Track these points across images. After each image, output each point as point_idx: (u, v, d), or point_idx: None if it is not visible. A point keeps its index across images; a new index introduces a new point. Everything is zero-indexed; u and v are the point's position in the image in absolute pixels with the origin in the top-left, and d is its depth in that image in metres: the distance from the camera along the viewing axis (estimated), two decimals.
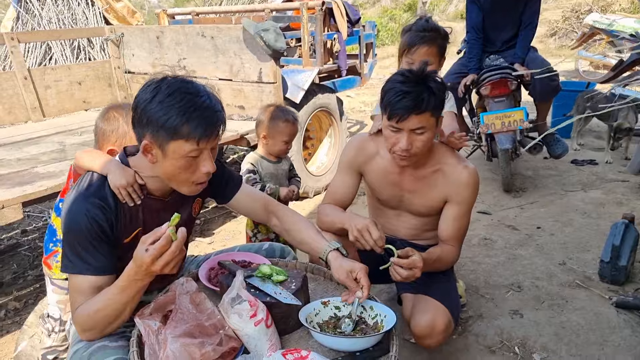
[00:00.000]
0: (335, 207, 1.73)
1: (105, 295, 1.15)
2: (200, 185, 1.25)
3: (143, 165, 1.25)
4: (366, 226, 1.43)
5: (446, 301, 1.63)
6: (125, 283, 1.13)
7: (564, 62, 7.54)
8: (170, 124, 1.12)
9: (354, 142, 1.79)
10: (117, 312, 1.16)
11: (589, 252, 2.67)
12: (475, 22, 3.46)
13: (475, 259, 2.66)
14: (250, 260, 1.52)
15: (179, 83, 1.16)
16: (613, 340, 1.97)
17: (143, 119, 1.15)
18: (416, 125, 1.47)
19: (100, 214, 1.19)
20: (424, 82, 1.45)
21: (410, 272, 1.38)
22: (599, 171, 3.88)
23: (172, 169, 1.19)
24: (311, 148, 4.00)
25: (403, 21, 11.79)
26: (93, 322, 1.16)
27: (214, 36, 3.25)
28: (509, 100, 3.36)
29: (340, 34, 3.83)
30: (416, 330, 1.60)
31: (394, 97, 1.45)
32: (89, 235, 1.17)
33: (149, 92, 1.15)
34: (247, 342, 1.12)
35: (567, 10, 10.35)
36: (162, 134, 1.13)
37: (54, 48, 5.71)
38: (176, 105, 1.12)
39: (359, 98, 7.12)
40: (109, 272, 1.20)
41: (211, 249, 2.98)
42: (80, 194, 1.21)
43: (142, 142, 1.17)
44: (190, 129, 1.13)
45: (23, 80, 3.33)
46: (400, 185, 1.71)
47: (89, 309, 1.15)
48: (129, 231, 1.27)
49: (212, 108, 1.17)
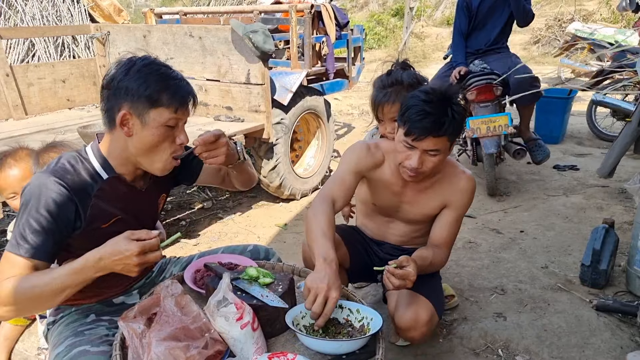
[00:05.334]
0: (328, 224, 1.47)
1: (49, 274, 1.12)
2: (174, 160, 1.27)
3: (114, 146, 1.24)
4: (325, 294, 1.20)
5: (431, 296, 1.66)
6: (80, 266, 1.11)
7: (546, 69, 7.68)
8: (150, 92, 1.16)
9: (363, 146, 1.70)
10: (52, 294, 1.11)
11: (570, 256, 2.71)
12: (461, 28, 3.61)
13: (460, 262, 2.69)
14: (236, 262, 1.51)
15: (151, 58, 1.22)
16: (593, 342, 2.00)
17: (120, 91, 1.16)
18: (431, 147, 1.46)
19: (62, 196, 1.16)
20: (447, 104, 1.44)
21: (402, 282, 1.38)
22: (580, 176, 3.96)
23: (150, 139, 1.20)
24: (298, 150, 4.00)
25: (390, 26, 11.88)
26: (20, 297, 1.10)
27: (202, 36, 3.23)
28: (494, 105, 3.42)
29: (329, 37, 3.84)
30: (400, 323, 1.62)
31: (415, 116, 1.43)
32: (45, 215, 1.14)
33: (123, 66, 1.19)
34: (233, 345, 1.12)
35: (550, 18, 10.56)
36: (143, 102, 1.16)
37: (38, 45, 5.61)
38: (154, 75, 1.17)
39: (346, 101, 7.14)
40: (47, 259, 1.17)
41: (197, 250, 2.96)
42: (49, 174, 1.18)
43: (116, 116, 1.18)
44: (169, 96, 1.18)
45: (5, 77, 3.26)
46: (401, 197, 1.71)
47: (23, 283, 1.10)
48: (105, 217, 1.26)
49: (184, 80, 1.25)
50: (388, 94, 1.75)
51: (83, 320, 1.34)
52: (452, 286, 2.40)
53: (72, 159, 1.24)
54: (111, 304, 1.43)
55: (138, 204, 1.36)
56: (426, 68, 8.75)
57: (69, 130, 3.09)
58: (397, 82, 1.76)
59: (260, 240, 3.08)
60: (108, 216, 1.26)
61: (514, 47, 4.90)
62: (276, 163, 3.36)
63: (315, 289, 1.20)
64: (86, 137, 2.52)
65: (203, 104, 3.41)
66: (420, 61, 9.94)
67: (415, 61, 9.81)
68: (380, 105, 1.78)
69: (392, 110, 1.74)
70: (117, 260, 1.10)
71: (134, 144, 1.21)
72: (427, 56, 10.43)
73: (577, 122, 5.39)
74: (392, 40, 11.43)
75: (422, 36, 11.84)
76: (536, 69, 3.44)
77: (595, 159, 4.35)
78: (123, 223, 1.29)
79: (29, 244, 1.13)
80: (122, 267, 1.11)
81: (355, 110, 6.67)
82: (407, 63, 1.88)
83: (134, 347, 1.06)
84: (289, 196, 3.61)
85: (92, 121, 3.10)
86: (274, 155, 3.34)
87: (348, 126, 5.96)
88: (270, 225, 3.33)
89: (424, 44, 11.42)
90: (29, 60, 5.54)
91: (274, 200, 3.69)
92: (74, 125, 3.04)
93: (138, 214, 1.36)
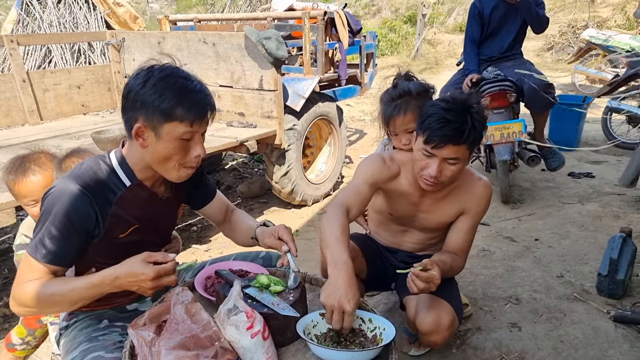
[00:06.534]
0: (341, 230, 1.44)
1: (68, 284, 1.16)
2: (189, 169, 1.26)
3: (134, 154, 1.25)
4: (339, 310, 1.18)
5: (450, 300, 1.64)
6: (97, 282, 1.14)
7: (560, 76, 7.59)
8: (164, 106, 1.14)
9: (378, 158, 1.69)
10: (70, 303, 1.17)
11: (587, 265, 2.66)
12: (473, 36, 3.57)
13: (474, 270, 2.65)
14: (247, 269, 1.50)
15: (170, 69, 1.19)
16: (611, 355, 1.95)
17: (136, 103, 1.15)
18: (451, 155, 1.45)
19: (84, 204, 1.17)
20: (468, 113, 1.43)
21: (427, 285, 1.37)
22: (596, 184, 3.89)
23: (165, 152, 1.19)
24: (310, 156, 4.00)
25: (403, 32, 11.86)
26: (40, 302, 1.14)
27: (215, 43, 3.25)
28: (507, 112, 3.39)
29: (342, 43, 3.84)
30: (422, 327, 1.61)
31: (435, 124, 1.42)
32: (66, 223, 1.15)
33: (141, 77, 1.16)
34: (243, 355, 1.10)
35: (563, 25, 10.45)
36: (157, 116, 1.15)
37: (54, 51, 5.70)
38: (170, 88, 1.14)
39: (358, 107, 7.13)
40: (66, 265, 1.20)
41: (208, 256, 2.96)
42: (71, 181, 1.18)
43: (133, 127, 1.17)
44: (184, 110, 1.15)
45: (21, 82, 3.32)
46: (418, 206, 1.70)
47: (43, 289, 1.14)
48: (124, 227, 1.26)
49: (203, 92, 1.21)
50: (398, 106, 1.73)
51: (96, 326, 1.35)
52: (466, 295, 2.36)
53: (95, 165, 1.23)
54: (124, 310, 1.44)
55: (157, 212, 1.36)
56: (439, 74, 8.71)
57: (83, 135, 3.13)
58: (405, 93, 1.74)
59: None
60: (126, 225, 1.27)
61: (527, 53, 4.86)
62: (288, 169, 3.35)
63: (330, 306, 1.18)
64: (100, 142, 2.54)
65: (216, 110, 3.42)
66: (433, 67, 9.90)
67: (427, 68, 9.77)
68: (392, 119, 1.76)
69: (405, 122, 1.72)
70: (132, 282, 1.13)
71: (149, 155, 1.21)
72: (439, 63, 10.38)
73: (592, 129, 5.31)
74: (405, 46, 11.41)
75: (434, 43, 11.81)
76: (550, 76, 3.39)
77: (611, 166, 4.28)
78: (140, 232, 1.29)
79: (47, 249, 1.15)
80: (137, 288, 1.15)
81: (367, 116, 6.65)
82: (410, 74, 1.86)
83: (143, 355, 1.05)
84: (301, 202, 3.60)
85: (106, 127, 3.13)
86: (286, 161, 3.34)
87: (360, 132, 5.95)
88: None
89: (437, 51, 11.38)
90: (46, 67, 5.63)
91: (286, 206, 3.68)
92: (89, 130, 3.07)
93: (156, 222, 1.37)
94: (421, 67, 9.68)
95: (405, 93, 1.74)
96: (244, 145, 3.02)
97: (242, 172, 4.64)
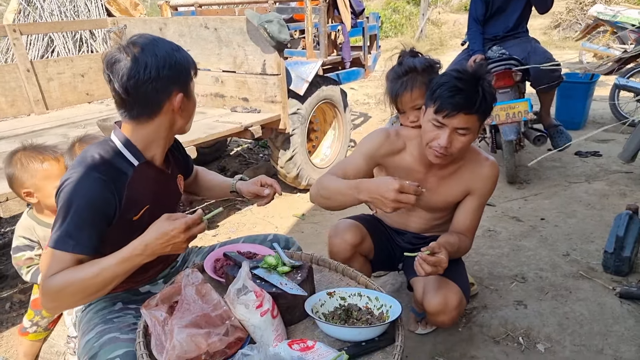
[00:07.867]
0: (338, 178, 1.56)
1: (99, 265, 1.13)
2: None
3: (143, 133, 1.27)
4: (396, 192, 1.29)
5: (458, 280, 1.66)
6: (128, 255, 1.13)
7: (567, 54, 7.48)
8: (188, 63, 1.25)
9: (382, 132, 1.69)
10: (105, 282, 1.13)
11: (593, 243, 2.66)
12: (477, 15, 3.52)
13: (480, 250, 2.67)
14: (255, 251, 1.52)
15: (150, 37, 1.23)
16: (617, 330, 1.97)
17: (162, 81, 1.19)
18: (462, 124, 1.44)
19: (103, 190, 1.18)
20: (479, 83, 1.43)
21: (434, 269, 1.38)
22: (603, 163, 3.87)
23: (193, 108, 1.32)
24: (315, 140, 4.00)
25: (407, 13, 11.71)
26: (72, 290, 1.11)
27: (217, 28, 3.23)
28: (513, 91, 3.35)
29: (344, 25, 3.81)
30: (430, 308, 1.63)
31: (446, 92, 1.42)
32: (90, 211, 1.16)
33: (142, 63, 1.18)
34: (253, 333, 1.13)
35: (570, 2, 10.26)
36: (188, 76, 1.26)
37: (56, 40, 5.70)
38: (174, 51, 1.22)
39: (362, 90, 7.09)
40: (94, 252, 1.17)
41: (216, 240, 3.00)
42: (85, 169, 1.18)
43: (164, 102, 1.22)
44: (193, 63, 1.28)
45: (25, 72, 3.33)
46: (423, 184, 1.67)
47: (73, 276, 1.11)
48: (137, 208, 1.28)
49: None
50: (404, 82, 1.72)
51: (111, 308, 1.37)
52: (472, 274, 2.38)
53: (102, 150, 1.24)
54: (138, 292, 1.47)
55: (166, 188, 1.40)
56: (443, 55, 8.62)
57: (89, 124, 3.15)
58: (411, 69, 1.73)
59: (278, 231, 3.10)
60: (139, 206, 1.28)
61: (533, 31, 4.79)
62: (293, 153, 3.36)
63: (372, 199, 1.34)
64: (106, 130, 2.56)
65: (220, 96, 3.42)
66: (438, 48, 9.79)
67: (432, 49, 9.66)
68: (399, 96, 1.75)
69: (413, 98, 1.71)
70: (165, 242, 1.13)
71: (183, 118, 1.29)
72: (444, 43, 10.26)
73: (599, 107, 5.25)
74: (409, 27, 11.28)
75: (439, 23, 11.65)
76: (557, 54, 3.36)
77: (619, 144, 4.24)
78: (151, 213, 1.30)
79: (75, 240, 1.14)
80: (171, 247, 1.15)
81: (372, 99, 6.62)
82: (415, 50, 1.85)
83: (156, 334, 1.08)
84: (306, 186, 3.62)
85: (112, 115, 3.14)
86: (290, 145, 3.34)
87: (364, 115, 5.93)
88: (288, 215, 3.35)
89: (441, 31, 11.24)
90: (49, 56, 5.64)
91: (292, 190, 3.70)
92: (94, 119, 3.09)
93: (165, 199, 1.40)
94: (426, 48, 9.57)
95: (411, 69, 1.73)
96: (248, 130, 3.02)
97: (248, 157, 4.65)
